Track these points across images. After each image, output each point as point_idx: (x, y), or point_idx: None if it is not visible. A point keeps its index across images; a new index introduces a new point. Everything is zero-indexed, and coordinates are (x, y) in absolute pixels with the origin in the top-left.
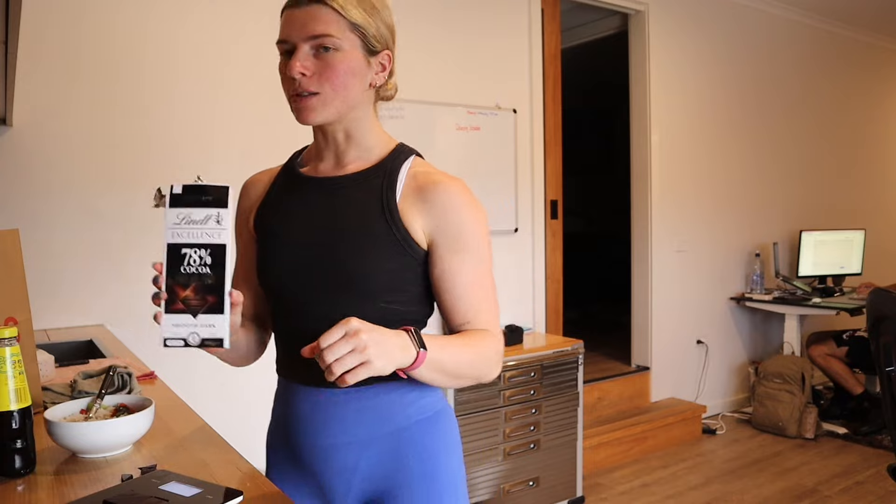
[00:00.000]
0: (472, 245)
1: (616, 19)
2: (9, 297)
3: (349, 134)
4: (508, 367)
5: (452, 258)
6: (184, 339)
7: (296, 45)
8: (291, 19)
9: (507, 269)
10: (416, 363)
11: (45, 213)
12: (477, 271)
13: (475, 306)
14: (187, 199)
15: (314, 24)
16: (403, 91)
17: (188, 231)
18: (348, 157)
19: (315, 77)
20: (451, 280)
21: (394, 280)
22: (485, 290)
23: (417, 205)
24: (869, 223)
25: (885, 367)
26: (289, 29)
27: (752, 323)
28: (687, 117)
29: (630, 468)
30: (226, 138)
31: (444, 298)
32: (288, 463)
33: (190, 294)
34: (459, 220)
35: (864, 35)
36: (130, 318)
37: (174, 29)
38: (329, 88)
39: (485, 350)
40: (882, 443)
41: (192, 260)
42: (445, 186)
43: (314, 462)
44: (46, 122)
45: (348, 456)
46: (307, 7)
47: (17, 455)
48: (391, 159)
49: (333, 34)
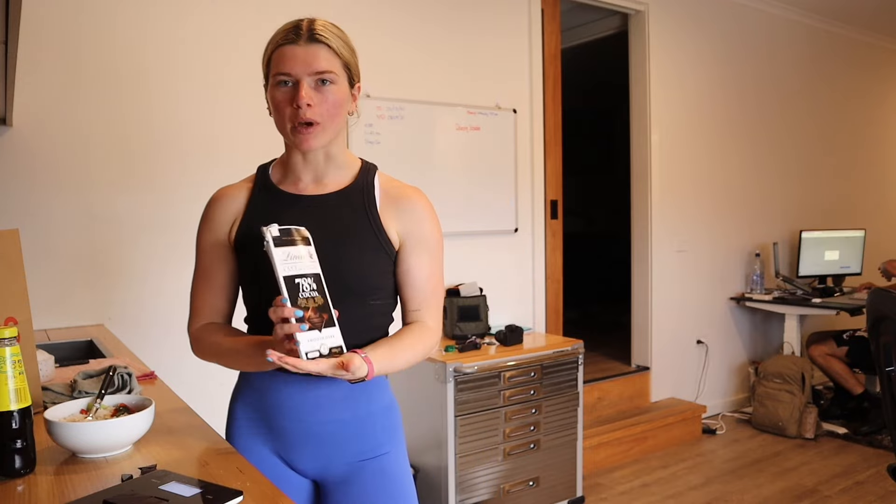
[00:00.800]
0: (432, 247)
1: (616, 19)
2: (9, 297)
3: (329, 155)
4: (508, 367)
5: (416, 257)
6: (318, 351)
7: (299, 79)
8: (292, 55)
9: (507, 269)
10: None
11: (45, 213)
12: (432, 268)
13: (427, 298)
14: (285, 238)
15: (317, 62)
16: (403, 91)
17: (295, 265)
18: (327, 176)
19: (316, 108)
20: (413, 275)
21: (380, 280)
22: (436, 285)
23: (392, 213)
24: (869, 223)
25: (885, 367)
26: (291, 64)
27: (752, 323)
28: (687, 117)
29: (630, 468)
30: (229, 138)
31: (405, 290)
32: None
33: (312, 314)
34: (425, 227)
35: (863, 35)
36: (130, 318)
37: (175, 28)
38: (328, 119)
39: (421, 348)
40: (882, 443)
41: (304, 287)
42: (414, 198)
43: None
44: (46, 122)
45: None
46: (308, 45)
47: (17, 455)
48: (363, 176)
49: (333, 70)
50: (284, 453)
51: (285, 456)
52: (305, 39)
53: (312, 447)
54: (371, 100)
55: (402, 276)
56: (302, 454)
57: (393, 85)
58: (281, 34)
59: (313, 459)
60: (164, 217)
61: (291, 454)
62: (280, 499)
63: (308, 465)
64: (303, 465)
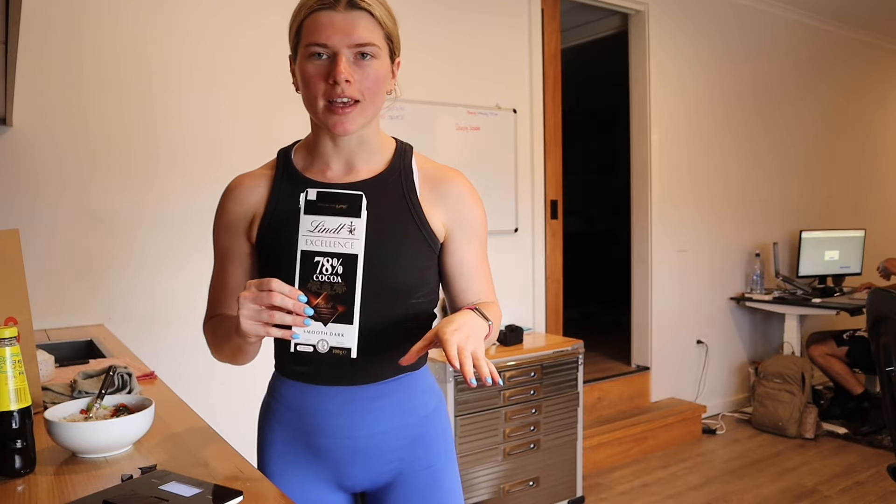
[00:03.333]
0: (481, 234)
1: (616, 19)
2: (9, 297)
3: (363, 140)
4: (508, 367)
5: (468, 246)
6: (313, 346)
7: (337, 51)
8: (330, 23)
9: (507, 269)
10: (487, 335)
11: (46, 212)
12: (483, 254)
13: (484, 285)
14: (321, 205)
15: (359, 32)
16: (403, 91)
17: (321, 239)
18: (359, 162)
19: (356, 84)
20: (466, 265)
21: (423, 277)
22: (487, 269)
23: (435, 200)
24: (869, 223)
25: (885, 367)
26: (329, 33)
27: (752, 323)
28: (687, 117)
29: (630, 468)
30: (230, 138)
31: (459, 281)
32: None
33: (322, 302)
34: (472, 211)
35: (863, 35)
36: (130, 318)
37: (176, 27)
38: (369, 97)
39: (499, 315)
40: (882, 443)
41: (325, 269)
42: (457, 180)
43: (335, 452)
44: (46, 122)
45: (377, 445)
46: (348, 13)
47: (17, 455)
48: (399, 158)
49: (375, 42)
50: (332, 475)
51: (334, 478)
52: (345, 5)
53: (363, 463)
54: None
55: (454, 267)
56: (351, 472)
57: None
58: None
59: (363, 475)
60: (165, 217)
61: (340, 474)
62: (280, 499)
63: (358, 480)
64: (352, 482)
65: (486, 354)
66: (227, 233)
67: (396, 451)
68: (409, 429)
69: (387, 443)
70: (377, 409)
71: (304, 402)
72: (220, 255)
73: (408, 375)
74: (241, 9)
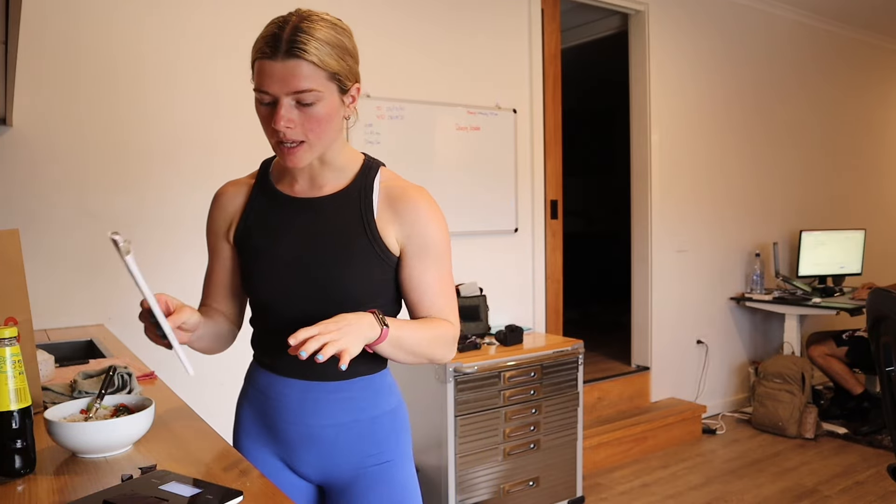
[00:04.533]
0: (436, 252)
1: (616, 19)
2: (9, 297)
3: (324, 160)
4: (508, 367)
5: (420, 263)
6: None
7: (277, 98)
8: (270, 72)
9: (507, 269)
10: (381, 339)
11: (46, 212)
12: (440, 273)
13: (437, 302)
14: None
15: (296, 81)
16: (403, 91)
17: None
18: (323, 179)
19: (299, 127)
20: (417, 280)
21: (375, 288)
22: (445, 287)
23: (391, 217)
24: (869, 223)
25: (885, 367)
26: (269, 82)
27: (752, 323)
28: (687, 117)
29: (630, 468)
30: (226, 138)
31: (411, 296)
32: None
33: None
34: (427, 231)
35: (864, 35)
36: (130, 318)
37: (174, 28)
38: (314, 137)
39: (441, 333)
40: (882, 443)
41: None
42: (415, 201)
43: (291, 436)
44: (46, 122)
45: (329, 437)
46: (285, 62)
47: (17, 455)
48: (363, 176)
49: (315, 87)
50: (287, 456)
51: (288, 459)
52: (283, 53)
53: (314, 451)
54: (371, 100)
55: (406, 282)
56: (304, 457)
57: (393, 85)
58: (261, 42)
59: (316, 463)
60: (163, 217)
61: (293, 457)
62: (280, 499)
63: (310, 469)
64: (305, 469)
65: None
66: (211, 235)
67: (346, 444)
68: (360, 424)
69: (337, 434)
70: (331, 401)
71: (270, 388)
72: (209, 254)
73: (364, 378)
74: (239, 10)
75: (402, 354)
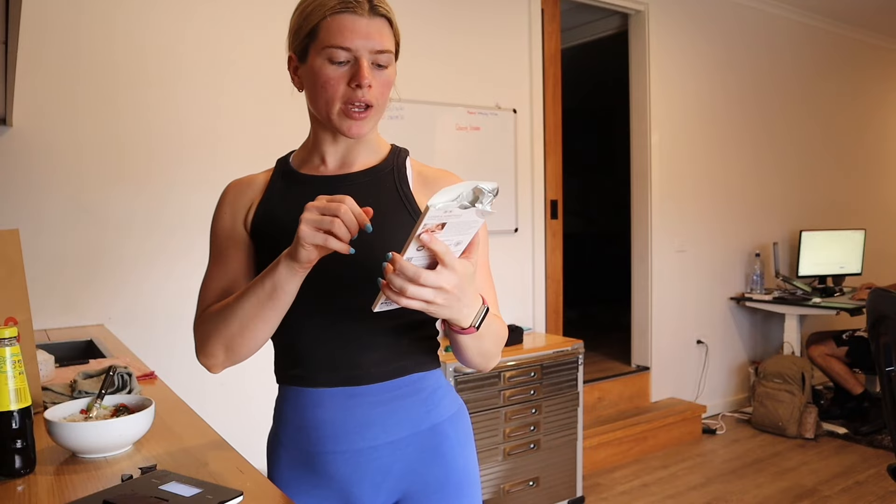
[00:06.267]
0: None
1: (616, 19)
2: (9, 297)
3: (364, 138)
4: (508, 367)
5: None
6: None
7: (359, 55)
8: (354, 27)
9: (507, 269)
10: (469, 329)
11: (46, 212)
12: (482, 261)
13: (483, 294)
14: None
15: (381, 39)
16: (403, 91)
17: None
18: (356, 159)
19: (374, 89)
20: None
21: None
22: (488, 278)
23: (428, 195)
24: (869, 223)
25: (885, 367)
26: (352, 37)
27: (752, 323)
28: (687, 117)
29: (630, 468)
30: (228, 139)
31: None
32: (301, 472)
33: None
34: None
35: (864, 35)
36: (130, 318)
37: (175, 27)
38: (381, 102)
39: (503, 333)
40: (882, 443)
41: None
42: (452, 179)
43: (340, 467)
44: (46, 122)
45: (383, 458)
46: (371, 19)
47: (17, 455)
48: (394, 156)
49: (391, 49)
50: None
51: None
52: (368, 11)
53: (366, 478)
54: None
55: None
56: (358, 490)
57: None
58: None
59: (371, 491)
60: (164, 217)
61: (346, 492)
62: (281, 499)
63: (368, 501)
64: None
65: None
66: (219, 235)
67: (404, 466)
68: (420, 439)
69: (392, 455)
70: (380, 415)
71: (304, 414)
72: (213, 259)
73: (416, 376)
74: (241, 10)
75: (475, 350)
